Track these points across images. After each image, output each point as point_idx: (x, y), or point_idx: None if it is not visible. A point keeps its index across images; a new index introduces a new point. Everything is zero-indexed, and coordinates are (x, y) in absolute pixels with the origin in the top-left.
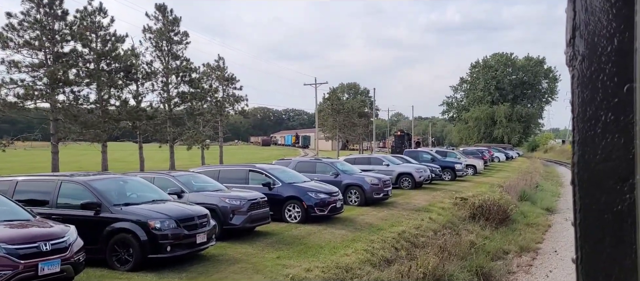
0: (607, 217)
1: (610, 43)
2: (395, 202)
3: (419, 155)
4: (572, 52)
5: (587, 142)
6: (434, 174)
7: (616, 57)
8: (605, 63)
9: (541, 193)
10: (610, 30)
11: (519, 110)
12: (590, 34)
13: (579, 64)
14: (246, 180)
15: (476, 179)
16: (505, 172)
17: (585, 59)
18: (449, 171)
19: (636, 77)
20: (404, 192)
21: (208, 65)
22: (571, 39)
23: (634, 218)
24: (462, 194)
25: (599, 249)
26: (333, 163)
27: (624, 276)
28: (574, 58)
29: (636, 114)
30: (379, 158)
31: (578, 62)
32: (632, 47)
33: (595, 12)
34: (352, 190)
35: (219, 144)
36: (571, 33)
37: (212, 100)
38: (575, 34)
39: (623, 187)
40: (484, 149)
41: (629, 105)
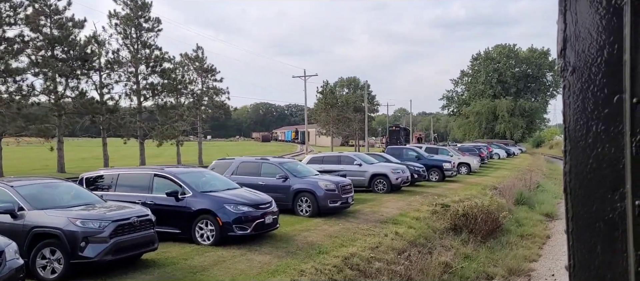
0: (598, 225)
1: (600, 55)
2: (358, 210)
3: (403, 152)
4: (564, 63)
5: (578, 152)
6: (416, 174)
7: (606, 69)
8: (595, 74)
9: (541, 194)
10: (600, 42)
11: (522, 104)
12: (581, 45)
13: (570, 74)
14: (149, 188)
15: (469, 179)
16: (504, 170)
17: (576, 70)
18: (436, 171)
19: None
20: (376, 197)
21: (185, 55)
22: (562, 51)
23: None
24: (445, 199)
25: (591, 257)
26: (282, 164)
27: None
28: (565, 69)
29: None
30: (351, 156)
31: (569, 73)
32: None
33: (585, 24)
34: (303, 197)
35: (198, 140)
36: (562, 44)
37: (188, 93)
38: (566, 45)
39: (614, 196)
40: (482, 145)
41: (618, 116)
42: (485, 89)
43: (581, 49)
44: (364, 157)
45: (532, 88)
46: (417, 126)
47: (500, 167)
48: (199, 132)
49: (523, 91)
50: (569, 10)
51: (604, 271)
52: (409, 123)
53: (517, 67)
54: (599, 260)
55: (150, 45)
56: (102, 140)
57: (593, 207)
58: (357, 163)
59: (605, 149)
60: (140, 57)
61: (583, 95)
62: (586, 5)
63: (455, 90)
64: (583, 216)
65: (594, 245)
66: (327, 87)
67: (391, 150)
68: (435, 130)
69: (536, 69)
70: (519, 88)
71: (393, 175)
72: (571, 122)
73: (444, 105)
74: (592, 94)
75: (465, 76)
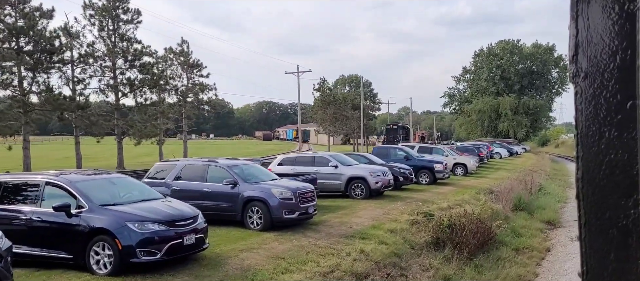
0: (612, 232)
1: (612, 60)
2: (323, 222)
3: (391, 152)
4: (575, 68)
5: (591, 158)
6: (402, 177)
7: (619, 74)
8: (608, 80)
9: (543, 198)
10: (613, 47)
11: (526, 102)
12: (593, 51)
13: (582, 80)
14: (37, 199)
15: (464, 182)
16: (504, 171)
17: (588, 76)
18: (426, 173)
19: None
20: (351, 204)
21: (170, 49)
22: (574, 56)
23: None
24: (430, 206)
25: (605, 264)
26: (231, 168)
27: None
28: (577, 75)
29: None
30: (326, 158)
31: (581, 78)
32: (634, 65)
33: (597, 29)
34: (254, 208)
35: (183, 139)
36: (574, 50)
37: (171, 89)
38: (578, 51)
39: (627, 203)
40: (482, 145)
41: (632, 122)
42: (487, 86)
43: (593, 54)
44: (341, 158)
45: (537, 85)
46: (421, 125)
47: (501, 167)
48: (184, 129)
49: (527, 88)
50: (580, 15)
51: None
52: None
53: (521, 64)
54: (612, 267)
55: (129, 38)
56: (74, 139)
57: (606, 214)
58: (332, 165)
59: (619, 155)
60: (118, 50)
61: (595, 101)
62: (598, 11)
63: (457, 88)
64: (596, 224)
65: (607, 252)
66: (324, 83)
67: (378, 149)
68: (439, 128)
69: (541, 65)
70: (523, 85)
71: (372, 179)
72: (583, 128)
73: (445, 102)
74: (605, 100)
75: (468, 73)
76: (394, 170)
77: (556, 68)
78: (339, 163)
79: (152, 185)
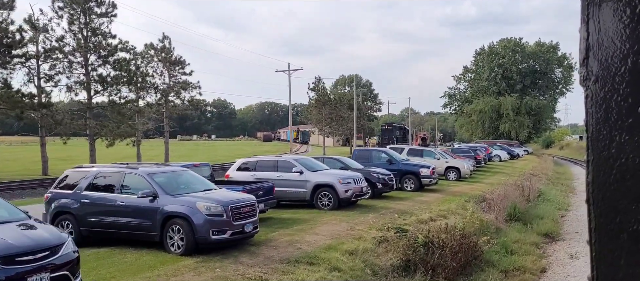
0: (622, 237)
1: (624, 64)
2: (268, 241)
3: (373, 155)
4: (586, 72)
5: (601, 162)
6: (381, 184)
7: (630, 78)
8: (619, 83)
9: (543, 205)
10: (624, 51)
11: (528, 102)
12: (604, 54)
13: (593, 84)
14: None
15: (455, 187)
16: (502, 175)
17: (599, 79)
18: (411, 178)
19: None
20: (313, 217)
21: (150, 45)
22: (585, 59)
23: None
24: (408, 218)
25: (615, 269)
26: (153, 176)
27: None
28: (588, 78)
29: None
30: (290, 162)
31: (592, 82)
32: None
33: (608, 32)
34: (174, 226)
35: (164, 140)
36: (585, 53)
37: (150, 87)
38: (589, 54)
39: (638, 208)
40: (481, 146)
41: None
42: (489, 86)
43: (604, 57)
44: (308, 163)
45: (540, 85)
46: (424, 126)
47: (499, 171)
48: (166, 130)
49: (530, 88)
50: (591, 18)
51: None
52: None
53: (523, 63)
54: (622, 273)
55: (103, 32)
56: (40, 140)
57: (617, 218)
58: (296, 170)
59: (629, 160)
60: (90, 45)
61: (606, 105)
62: (609, 14)
63: (458, 88)
64: (607, 228)
65: (617, 257)
66: (320, 83)
67: (359, 152)
68: (443, 130)
69: (544, 64)
70: (525, 84)
71: (341, 186)
72: (594, 131)
73: (445, 103)
74: (616, 104)
75: (468, 72)
76: (371, 176)
77: (560, 67)
78: (305, 168)
79: (59, 197)
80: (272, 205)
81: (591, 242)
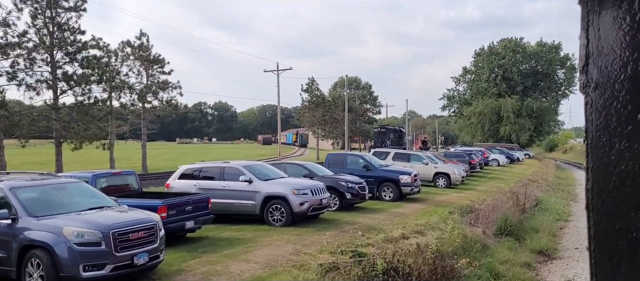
0: (622, 244)
1: (623, 71)
2: (176, 273)
3: (348, 160)
4: (586, 79)
5: (601, 169)
6: (350, 194)
7: (630, 85)
8: (618, 91)
9: (540, 216)
10: (624, 58)
11: (529, 104)
12: (604, 61)
13: (593, 91)
14: None
15: (442, 196)
16: (498, 181)
17: (598, 87)
18: (390, 186)
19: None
20: (258, 235)
21: (127, 42)
22: (584, 66)
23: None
24: (374, 237)
25: (614, 275)
26: (16, 191)
27: None
28: (588, 85)
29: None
30: (238, 169)
31: (591, 89)
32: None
33: (608, 40)
34: (34, 259)
35: (142, 143)
36: (584, 60)
37: (123, 86)
38: (589, 61)
39: (637, 214)
40: (476, 150)
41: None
42: (488, 87)
43: (604, 65)
44: (259, 170)
45: (542, 86)
46: (426, 129)
47: (496, 176)
48: (143, 132)
49: (531, 89)
50: (591, 25)
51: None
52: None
53: (524, 63)
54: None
55: (72, 27)
56: None
57: (616, 225)
58: (244, 179)
59: (629, 167)
60: (56, 41)
61: (606, 112)
62: (609, 22)
63: (457, 89)
64: (606, 235)
65: (617, 263)
66: (313, 83)
67: (332, 157)
68: (445, 133)
69: (546, 65)
70: (526, 86)
71: (296, 199)
72: (594, 138)
73: (444, 105)
74: (615, 111)
75: (468, 73)
76: (338, 185)
77: (563, 68)
78: (255, 176)
79: None
80: (206, 221)
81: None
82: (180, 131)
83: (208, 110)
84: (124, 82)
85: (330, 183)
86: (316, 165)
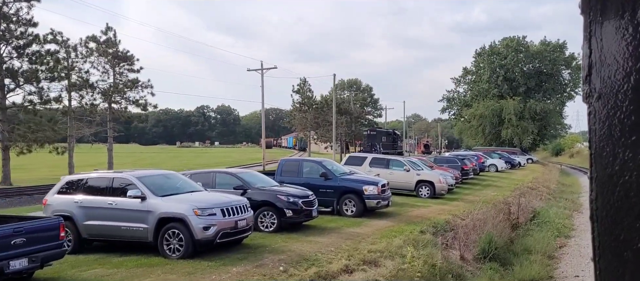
0: (626, 255)
1: (627, 81)
2: None
3: (303, 167)
4: (589, 89)
5: (605, 179)
6: (291, 210)
7: (633, 95)
8: (622, 101)
9: (535, 233)
10: (627, 68)
11: (532, 106)
12: (607, 71)
13: (596, 101)
14: None
15: (417, 209)
16: (493, 189)
17: (601, 97)
18: (352, 199)
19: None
20: (132, 275)
21: (92, 37)
22: (587, 76)
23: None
24: (295, 274)
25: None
26: None
27: None
28: (591, 95)
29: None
30: (130, 181)
31: (595, 99)
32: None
33: (611, 50)
34: None
35: (108, 146)
36: (587, 70)
37: (82, 84)
38: (592, 71)
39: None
40: (470, 155)
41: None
42: (489, 88)
43: (607, 75)
44: (159, 182)
45: (546, 87)
46: (430, 132)
47: (492, 183)
48: (109, 134)
49: (534, 90)
50: (594, 35)
51: None
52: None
53: (527, 63)
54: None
55: (21, 19)
56: None
57: (621, 236)
58: (135, 194)
59: (633, 177)
60: (1, 33)
61: (609, 122)
62: (612, 32)
63: (457, 91)
64: (610, 245)
65: (621, 274)
66: (305, 84)
67: (286, 163)
68: (449, 136)
69: (550, 65)
70: (529, 87)
71: (198, 221)
72: (597, 148)
73: (443, 107)
74: (619, 121)
75: (468, 74)
76: (277, 200)
77: (568, 68)
78: (150, 190)
79: None
80: (55, 257)
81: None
82: (183, 135)
83: (211, 113)
84: (84, 80)
85: (267, 197)
86: (257, 174)
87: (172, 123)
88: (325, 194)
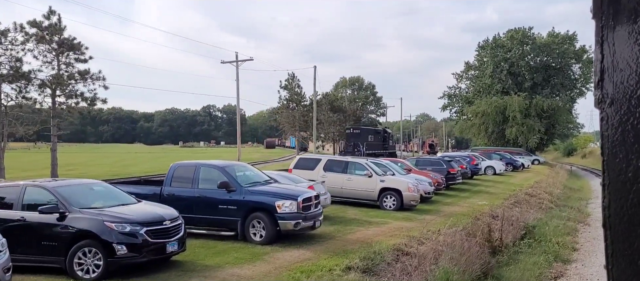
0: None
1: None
2: None
3: (199, 175)
4: (601, 94)
5: (618, 186)
6: (123, 246)
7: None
8: (634, 106)
9: (524, 257)
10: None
11: (538, 103)
12: (619, 77)
13: (608, 106)
14: None
15: (363, 230)
16: (484, 196)
17: (614, 102)
18: (261, 219)
19: None
20: None
21: (32, 22)
22: (599, 81)
23: None
24: None
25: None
26: None
27: None
28: (603, 100)
29: None
30: None
31: (607, 104)
32: None
33: (623, 55)
34: None
35: (51, 146)
36: (600, 75)
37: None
38: (604, 76)
39: None
40: (461, 156)
41: None
42: (492, 83)
43: (619, 80)
44: None
45: (554, 82)
46: (438, 132)
47: (483, 189)
48: (53, 133)
49: (541, 86)
50: (606, 40)
51: None
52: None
53: (535, 57)
54: None
55: None
56: None
57: (634, 243)
58: None
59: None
60: None
61: (622, 128)
62: (624, 37)
63: (459, 87)
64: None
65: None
66: (294, 80)
67: (178, 168)
68: (457, 136)
69: (558, 59)
70: (535, 82)
71: None
72: (610, 155)
73: (444, 105)
74: (632, 127)
75: (471, 69)
76: (103, 229)
77: (578, 62)
78: None
79: None
80: None
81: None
82: (189, 134)
83: (217, 113)
84: (17, 70)
85: (89, 225)
86: (107, 185)
87: (178, 123)
88: (225, 212)
